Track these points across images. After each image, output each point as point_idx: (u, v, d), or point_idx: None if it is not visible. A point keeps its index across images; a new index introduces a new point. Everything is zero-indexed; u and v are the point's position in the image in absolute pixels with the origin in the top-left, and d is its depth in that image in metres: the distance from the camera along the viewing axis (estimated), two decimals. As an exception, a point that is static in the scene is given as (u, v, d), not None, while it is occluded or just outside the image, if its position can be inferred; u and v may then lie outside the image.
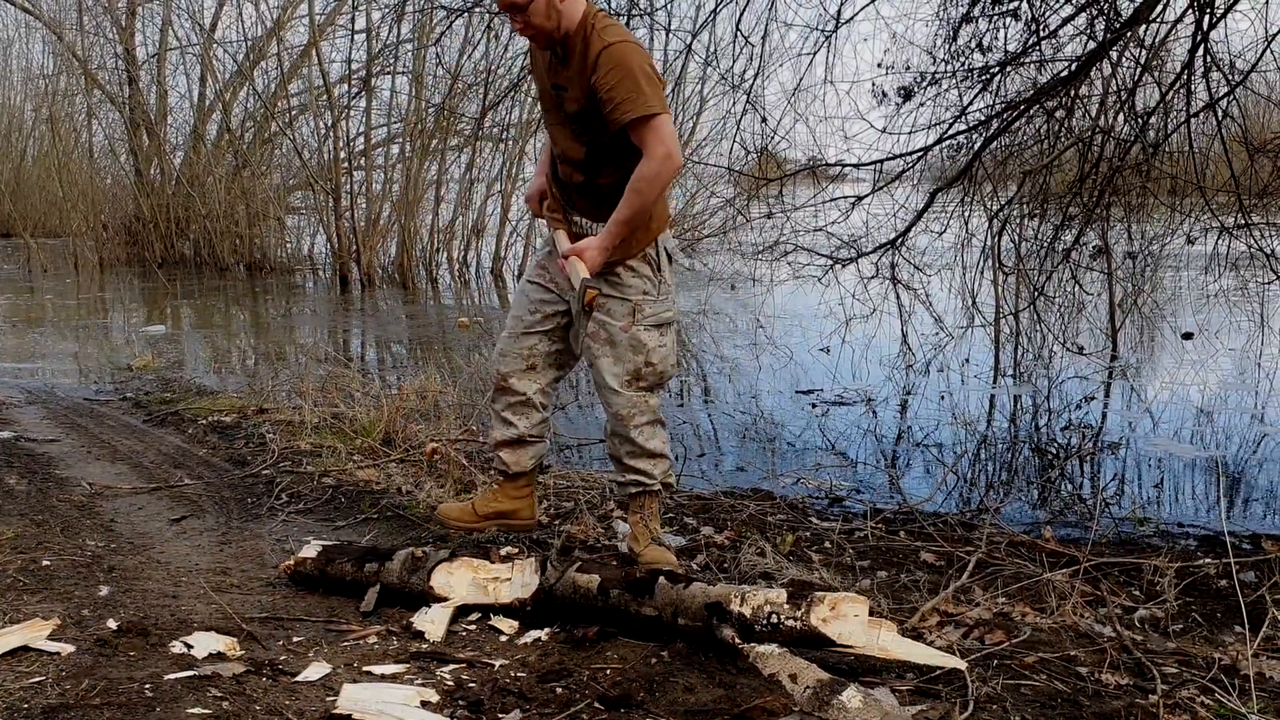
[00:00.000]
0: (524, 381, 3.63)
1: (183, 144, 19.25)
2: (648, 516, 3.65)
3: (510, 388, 3.64)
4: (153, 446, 5.63)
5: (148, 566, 3.65)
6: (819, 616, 2.59)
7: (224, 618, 3.09)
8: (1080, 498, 5.05)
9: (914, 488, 5.12)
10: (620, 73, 3.22)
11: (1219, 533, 4.23)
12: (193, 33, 18.62)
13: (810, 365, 8.17)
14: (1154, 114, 6.19)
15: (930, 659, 2.63)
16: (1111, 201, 6.86)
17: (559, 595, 3.04)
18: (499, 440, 3.71)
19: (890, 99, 6.56)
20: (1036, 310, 7.36)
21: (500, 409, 3.69)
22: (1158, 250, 7.97)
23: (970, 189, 6.90)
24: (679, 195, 17.41)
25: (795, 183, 7.51)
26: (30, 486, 4.72)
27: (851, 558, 3.71)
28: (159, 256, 17.81)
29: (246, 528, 4.18)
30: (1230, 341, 8.57)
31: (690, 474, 5.18)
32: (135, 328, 11.32)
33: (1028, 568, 3.46)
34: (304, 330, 11.73)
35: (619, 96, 3.21)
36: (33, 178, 22.54)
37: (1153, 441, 5.88)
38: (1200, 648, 2.85)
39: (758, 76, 6.71)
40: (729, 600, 2.69)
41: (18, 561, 3.57)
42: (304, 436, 5.53)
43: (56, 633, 2.89)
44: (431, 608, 3.11)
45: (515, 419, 3.67)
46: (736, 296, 12.50)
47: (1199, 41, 5.68)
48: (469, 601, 3.14)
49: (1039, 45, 6.20)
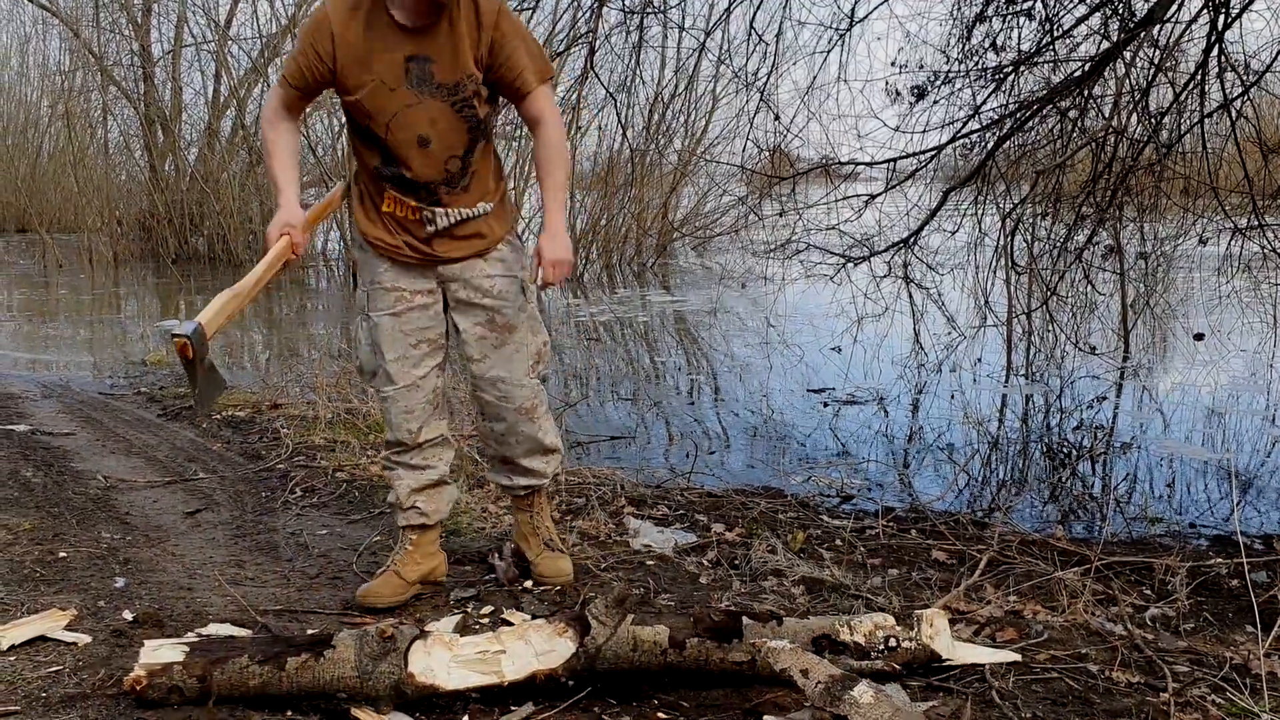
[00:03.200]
0: (434, 425, 3.24)
1: (197, 140, 19.33)
2: (538, 516, 3.39)
3: (424, 441, 3.22)
4: (167, 440, 5.66)
5: (163, 559, 3.68)
6: (927, 635, 2.58)
7: (239, 610, 3.12)
8: (1092, 497, 5.05)
9: (925, 486, 5.12)
10: (521, 32, 2.99)
11: (1230, 533, 4.23)
12: (208, 29, 18.73)
13: (821, 364, 8.17)
14: (1168, 114, 6.17)
15: (991, 657, 2.68)
16: (1124, 201, 6.85)
17: (608, 657, 2.48)
18: (413, 489, 3.24)
19: (904, 98, 6.54)
20: (1049, 310, 7.34)
21: (411, 459, 3.24)
22: (1170, 251, 7.96)
23: (983, 188, 6.89)
24: (689, 193, 17.45)
25: (808, 181, 7.50)
26: (46, 479, 4.75)
27: (862, 555, 3.71)
28: (173, 252, 17.88)
29: (261, 521, 4.21)
30: (1242, 342, 8.54)
31: (701, 471, 5.19)
32: (149, 323, 11.36)
33: (1039, 566, 3.46)
34: (317, 326, 11.77)
35: (525, 60, 2.94)
36: (48, 173, 22.69)
37: (1164, 442, 5.87)
38: (1212, 647, 2.85)
39: (771, 74, 6.71)
40: (836, 632, 2.56)
41: (34, 553, 3.60)
42: (318, 431, 5.55)
43: (73, 623, 2.92)
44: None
45: (433, 460, 3.26)
46: (747, 295, 12.49)
47: (1213, 42, 5.67)
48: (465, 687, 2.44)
49: (1053, 45, 6.19)
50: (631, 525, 4.01)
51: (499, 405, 3.19)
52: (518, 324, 3.15)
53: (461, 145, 2.99)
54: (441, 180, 3.01)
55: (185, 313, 12.41)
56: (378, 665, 2.38)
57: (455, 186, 3.04)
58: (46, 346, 9.85)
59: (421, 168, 2.98)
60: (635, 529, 3.97)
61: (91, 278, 16.25)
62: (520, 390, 3.17)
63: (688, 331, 10.78)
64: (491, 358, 3.15)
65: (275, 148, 3.05)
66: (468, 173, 3.04)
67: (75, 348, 9.83)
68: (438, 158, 2.97)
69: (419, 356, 3.15)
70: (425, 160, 2.97)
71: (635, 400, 7.31)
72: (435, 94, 2.91)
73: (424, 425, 3.20)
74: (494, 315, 3.13)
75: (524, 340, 3.17)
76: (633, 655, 2.48)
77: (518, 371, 3.16)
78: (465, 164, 3.02)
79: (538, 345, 3.21)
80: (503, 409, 3.19)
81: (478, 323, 3.13)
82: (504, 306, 3.13)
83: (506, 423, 3.21)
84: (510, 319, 3.14)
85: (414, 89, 2.90)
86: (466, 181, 3.05)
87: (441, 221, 3.04)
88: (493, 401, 3.19)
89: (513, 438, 3.23)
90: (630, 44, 6.92)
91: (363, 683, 2.39)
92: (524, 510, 3.39)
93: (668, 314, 11.80)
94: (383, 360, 3.15)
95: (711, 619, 2.53)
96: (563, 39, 6.53)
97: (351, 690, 2.39)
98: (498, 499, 4.29)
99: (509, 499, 3.51)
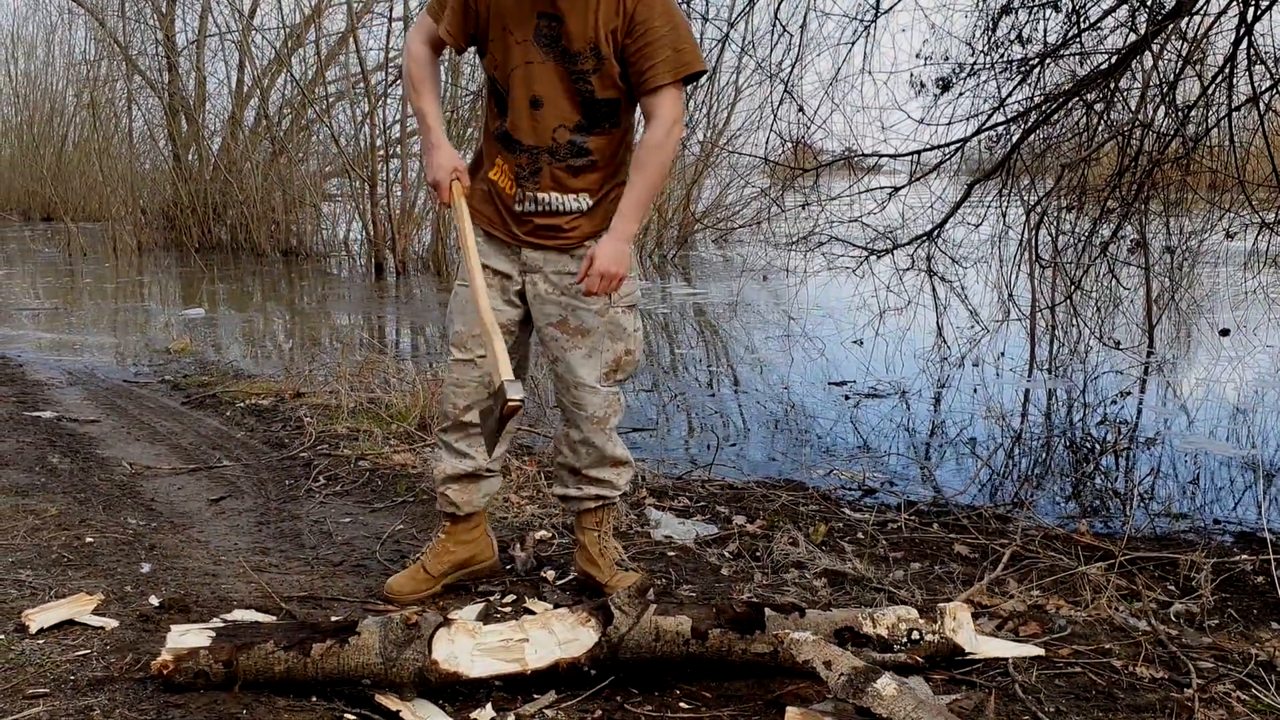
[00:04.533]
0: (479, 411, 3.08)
1: (220, 130, 19.42)
2: (605, 534, 3.22)
3: (469, 421, 3.07)
4: (191, 428, 5.70)
5: (188, 545, 3.71)
6: (950, 629, 2.58)
7: (263, 596, 3.14)
8: (1115, 493, 5.03)
9: (947, 480, 5.10)
10: (670, 19, 2.76)
11: (1256, 529, 4.21)
12: (231, 19, 18.77)
13: (843, 358, 8.15)
14: (1195, 107, 6.13)
15: (1014, 651, 2.68)
16: (1150, 195, 6.80)
17: (630, 647, 2.47)
18: (447, 475, 3.13)
19: (928, 90, 6.53)
20: (1073, 304, 7.30)
21: (453, 440, 3.12)
22: (1196, 245, 7.88)
23: (1008, 181, 6.86)
24: (711, 185, 17.42)
25: (830, 173, 7.48)
26: (73, 465, 4.79)
27: (884, 549, 3.71)
28: (196, 241, 17.96)
29: (284, 509, 4.23)
30: (1268, 338, 8.48)
31: (722, 463, 5.19)
32: (173, 311, 11.44)
33: (1062, 561, 3.45)
34: (339, 316, 11.82)
35: (667, 51, 2.74)
36: (73, 162, 22.84)
37: (1188, 438, 5.84)
38: (1236, 643, 2.83)
39: (795, 65, 6.69)
40: (859, 624, 2.55)
41: (62, 538, 3.63)
42: (340, 421, 5.58)
43: (100, 608, 2.94)
44: None
45: (472, 450, 3.11)
46: (768, 287, 12.48)
47: (1242, 34, 5.62)
48: (489, 675, 2.43)
49: (1079, 37, 6.15)
50: (653, 517, 4.01)
51: (573, 411, 3.07)
52: (592, 328, 3.00)
53: (573, 118, 2.85)
54: (546, 149, 2.88)
55: (209, 302, 12.47)
56: (402, 652, 2.37)
57: (562, 162, 2.89)
58: (72, 334, 9.92)
59: (529, 130, 2.87)
60: (656, 520, 3.98)
61: (116, 266, 16.35)
62: (593, 397, 3.03)
63: (708, 323, 10.77)
64: (565, 360, 3.03)
65: (424, 86, 2.96)
66: (580, 154, 2.89)
67: (100, 335, 9.90)
68: (546, 124, 2.85)
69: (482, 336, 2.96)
70: (534, 123, 2.86)
71: (656, 392, 7.31)
72: (558, 58, 2.80)
73: (470, 405, 3.05)
74: (567, 316, 2.99)
75: (598, 345, 3.01)
76: (655, 645, 2.47)
77: (589, 377, 3.02)
78: (577, 143, 2.88)
79: (617, 353, 3.04)
80: (577, 415, 3.06)
81: (550, 322, 3.02)
82: (579, 308, 2.98)
83: (580, 430, 3.07)
84: (585, 322, 2.99)
85: (540, 47, 2.80)
86: (579, 163, 2.90)
87: (528, 205, 2.94)
88: (568, 405, 3.09)
89: (582, 447, 3.10)
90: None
91: (387, 669, 2.37)
92: (590, 529, 3.20)
93: (688, 306, 11.79)
94: (452, 327, 3.07)
95: (734, 610, 2.52)
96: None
97: (376, 677, 2.38)
98: (519, 488, 4.30)
99: (573, 518, 3.30)
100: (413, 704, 2.39)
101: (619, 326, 3.02)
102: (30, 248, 19.84)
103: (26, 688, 2.43)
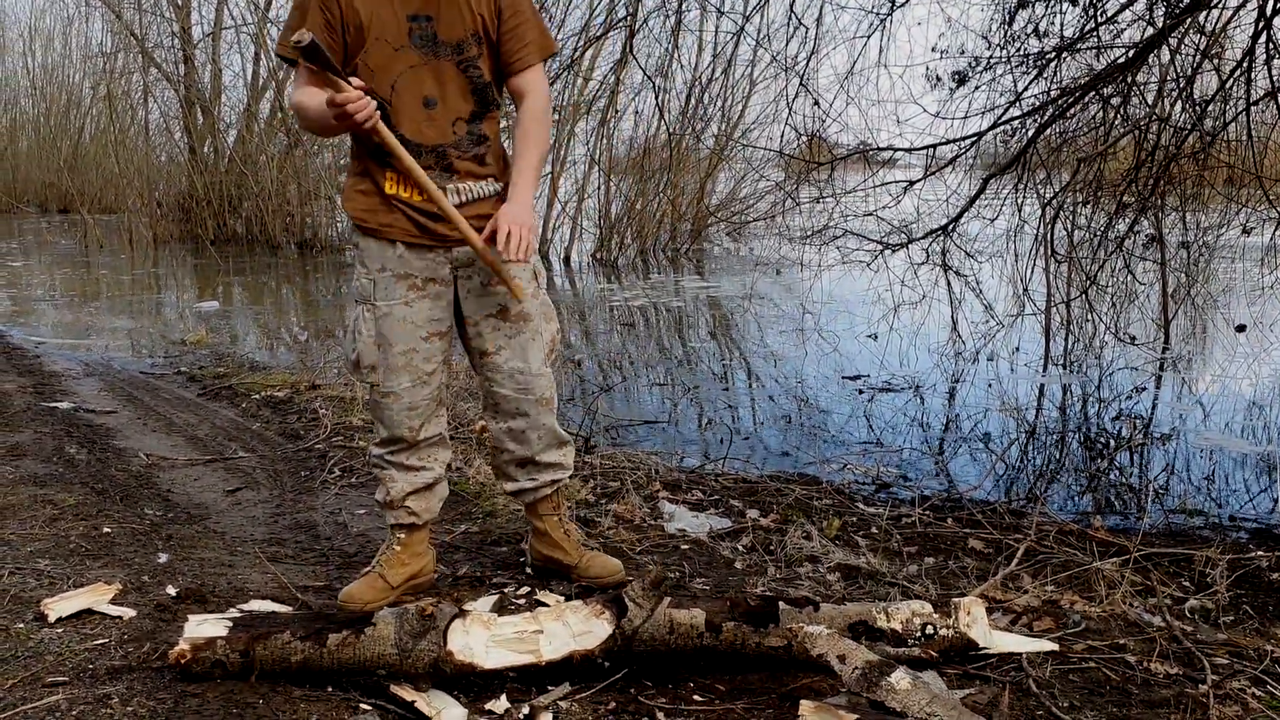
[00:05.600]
0: (435, 423, 3.06)
1: (236, 122, 19.47)
2: (564, 517, 3.23)
3: (424, 440, 3.05)
4: (207, 420, 5.73)
5: (204, 536, 3.73)
6: (964, 623, 2.58)
7: (279, 587, 3.16)
8: (1130, 488, 5.01)
9: (962, 475, 5.10)
10: (529, 2, 2.94)
11: (1272, 526, 4.19)
12: (247, 12, 18.82)
13: (857, 352, 8.14)
14: (1212, 102, 6.09)
15: (1028, 646, 2.67)
16: (1166, 190, 6.77)
17: (644, 640, 2.48)
18: (406, 492, 3.06)
19: (944, 83, 6.51)
20: (1088, 299, 7.28)
21: (406, 459, 3.05)
22: (1213, 240, 7.86)
23: (1023, 175, 6.83)
24: (725, 178, 17.39)
25: (845, 167, 7.47)
26: (90, 456, 4.82)
27: (898, 543, 3.71)
28: (211, 233, 18.02)
29: (300, 500, 4.25)
30: (1285, 334, 8.43)
31: (735, 457, 5.19)
32: (188, 303, 11.49)
33: (1077, 556, 3.44)
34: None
35: (534, 31, 2.91)
36: (90, 154, 22.96)
37: (1204, 434, 5.81)
38: (1251, 639, 2.82)
39: (810, 59, 6.68)
40: (873, 618, 2.55)
41: (80, 528, 3.66)
42: (356, 412, 5.59)
43: (118, 597, 2.97)
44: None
45: (429, 462, 3.08)
46: (782, 281, 12.46)
47: (1261, 28, 5.58)
48: (503, 666, 2.44)
49: (1096, 31, 6.12)
50: (666, 510, 4.02)
51: (519, 398, 3.03)
52: (532, 312, 3.00)
53: (467, 109, 2.88)
54: (450, 144, 2.87)
55: (224, 294, 12.52)
56: (417, 643, 2.40)
57: (467, 153, 2.90)
58: (88, 325, 9.97)
59: (429, 130, 2.85)
60: (670, 513, 3.98)
61: (131, 258, 16.42)
62: (539, 380, 3.02)
63: (722, 317, 10.77)
64: (508, 349, 3.00)
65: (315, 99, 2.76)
66: (480, 141, 2.91)
67: (116, 327, 9.95)
68: (444, 121, 2.86)
69: (429, 350, 2.97)
70: (432, 122, 2.85)
71: (669, 385, 7.32)
72: (442, 53, 2.83)
73: (425, 422, 3.02)
74: (508, 303, 2.97)
75: (539, 329, 3.02)
76: (669, 638, 2.48)
77: (535, 361, 3.01)
78: (474, 132, 2.90)
79: (551, 333, 3.06)
80: (523, 401, 3.03)
81: (490, 312, 2.98)
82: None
83: (529, 417, 3.05)
84: (525, 307, 2.98)
85: (418, 49, 2.81)
86: (481, 150, 2.92)
87: (452, 198, 2.87)
88: (511, 395, 3.03)
89: (534, 433, 3.07)
90: (668, 28, 6.92)
91: (402, 660, 2.40)
92: (550, 515, 3.20)
93: (702, 299, 11.78)
94: (389, 353, 2.95)
95: (748, 603, 2.53)
96: (601, 23, 6.53)
97: (391, 667, 2.41)
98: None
99: (527, 510, 3.26)
100: (428, 694, 2.41)
101: (549, 307, 3.07)
102: (47, 239, 19.93)
103: (46, 676, 2.45)
